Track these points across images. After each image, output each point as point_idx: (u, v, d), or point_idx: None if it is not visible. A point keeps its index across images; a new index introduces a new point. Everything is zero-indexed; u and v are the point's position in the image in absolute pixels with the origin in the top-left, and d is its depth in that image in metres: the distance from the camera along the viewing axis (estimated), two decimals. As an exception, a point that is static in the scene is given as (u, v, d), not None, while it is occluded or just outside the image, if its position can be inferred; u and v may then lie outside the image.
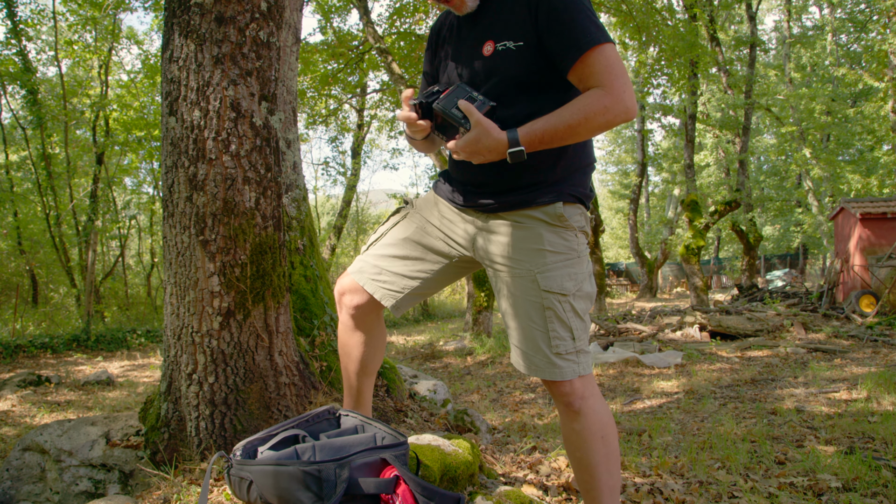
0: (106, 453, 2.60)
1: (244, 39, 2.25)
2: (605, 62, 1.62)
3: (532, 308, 1.80)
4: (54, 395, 6.97)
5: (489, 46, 1.77)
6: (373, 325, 2.11)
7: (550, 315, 1.78)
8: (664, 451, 3.72)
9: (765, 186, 32.04)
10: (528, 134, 1.63)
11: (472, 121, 1.63)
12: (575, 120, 1.61)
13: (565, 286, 1.78)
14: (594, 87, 1.63)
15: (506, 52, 1.73)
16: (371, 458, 1.68)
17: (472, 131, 1.63)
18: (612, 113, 1.61)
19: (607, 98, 1.60)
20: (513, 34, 1.71)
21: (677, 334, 10.62)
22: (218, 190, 2.23)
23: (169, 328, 2.40)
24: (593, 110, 1.60)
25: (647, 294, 24.46)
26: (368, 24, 12.97)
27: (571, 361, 1.79)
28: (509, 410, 5.83)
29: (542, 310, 1.78)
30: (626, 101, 1.61)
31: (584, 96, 1.63)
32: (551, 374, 1.79)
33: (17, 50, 14.62)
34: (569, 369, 1.78)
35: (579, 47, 1.62)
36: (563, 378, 1.78)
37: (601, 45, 1.62)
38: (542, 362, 1.79)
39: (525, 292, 1.81)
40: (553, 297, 1.77)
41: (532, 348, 1.81)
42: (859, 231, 13.49)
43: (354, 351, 2.11)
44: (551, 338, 1.78)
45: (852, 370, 6.72)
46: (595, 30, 1.63)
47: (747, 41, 18.74)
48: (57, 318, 15.17)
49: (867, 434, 3.90)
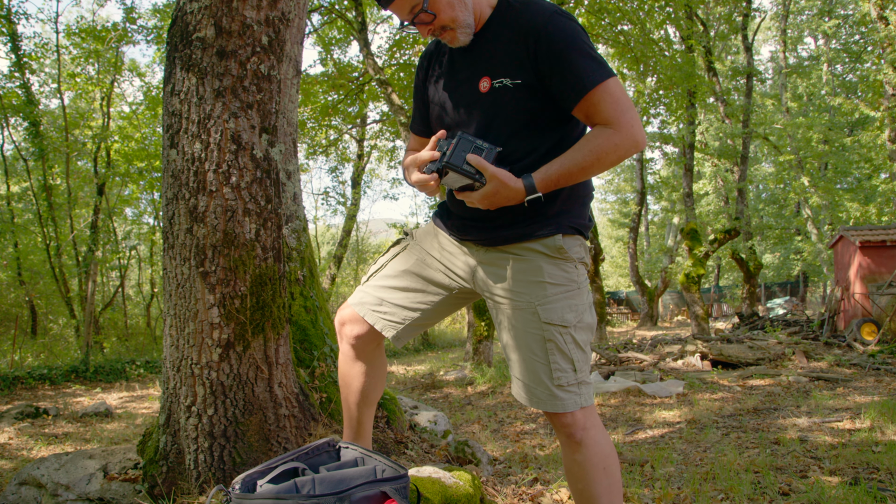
0: (103, 487, 2.57)
1: (245, 73, 2.28)
2: (610, 99, 1.63)
3: (533, 340, 1.80)
4: (52, 428, 6.91)
5: (485, 83, 1.77)
6: (373, 356, 2.11)
7: (552, 347, 1.78)
8: (667, 483, 3.68)
9: (764, 214, 32.12)
10: (544, 179, 1.66)
11: (487, 175, 1.66)
12: (588, 161, 1.65)
13: (566, 318, 1.78)
14: (602, 125, 1.65)
15: (503, 89, 1.74)
16: (371, 492, 1.67)
17: (489, 185, 1.66)
18: (624, 149, 1.64)
19: (617, 136, 1.63)
20: (510, 71, 1.72)
21: (678, 363, 10.56)
22: (218, 222, 2.24)
23: (168, 360, 2.39)
24: (605, 150, 1.63)
25: (648, 322, 24.38)
26: (368, 55, 13.13)
27: (573, 393, 1.79)
28: (510, 441, 5.78)
29: (544, 342, 1.78)
30: (635, 136, 1.64)
31: (594, 136, 1.65)
32: (553, 407, 1.79)
33: (20, 83, 14.78)
34: (570, 401, 1.78)
35: (583, 87, 1.63)
36: (564, 410, 1.78)
37: (604, 82, 1.63)
38: (544, 394, 1.80)
39: (526, 324, 1.81)
40: (554, 328, 1.78)
41: (533, 380, 1.81)
42: (859, 259, 13.49)
43: (355, 381, 2.10)
44: (553, 370, 1.78)
45: (855, 399, 6.68)
46: (597, 67, 1.64)
47: (744, 71, 18.94)
48: (56, 349, 15.11)
49: (871, 464, 3.86)
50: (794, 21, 30.18)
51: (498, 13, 1.77)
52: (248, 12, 2.28)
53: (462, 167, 1.66)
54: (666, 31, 15.64)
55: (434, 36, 1.79)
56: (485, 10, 1.78)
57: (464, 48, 1.82)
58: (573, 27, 1.67)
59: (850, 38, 27.34)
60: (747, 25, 18.78)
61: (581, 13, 13.69)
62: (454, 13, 1.70)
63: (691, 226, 16.98)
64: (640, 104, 17.51)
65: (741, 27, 18.61)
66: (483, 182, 1.66)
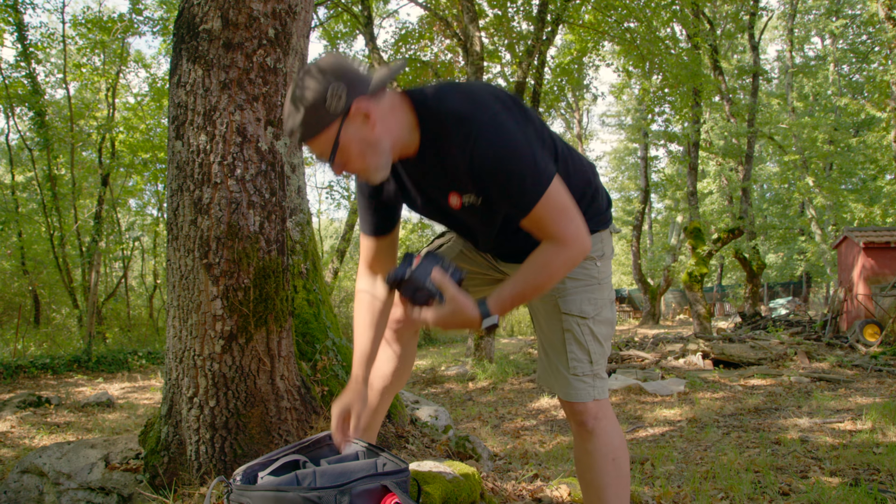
0: (105, 476, 2.58)
1: (251, 65, 2.28)
2: (552, 215, 1.60)
3: (554, 329, 1.90)
4: (54, 417, 6.93)
5: (455, 199, 1.71)
6: (409, 343, 2.13)
7: (569, 337, 1.87)
8: (667, 481, 3.68)
9: (768, 214, 32.03)
10: (499, 304, 1.65)
11: (447, 296, 1.62)
12: (540, 280, 1.65)
13: (584, 309, 1.86)
14: (548, 241, 1.64)
15: (472, 206, 1.72)
16: (372, 485, 1.67)
17: (447, 306, 1.63)
18: (574, 260, 1.64)
19: (566, 251, 1.62)
20: (470, 190, 1.67)
21: (680, 362, 10.56)
22: (223, 214, 2.24)
23: (171, 351, 2.39)
24: (555, 266, 1.63)
25: (650, 321, 24.36)
26: (374, 50, 13.12)
27: (587, 384, 1.87)
28: (511, 437, 5.78)
29: (562, 332, 1.88)
30: (583, 245, 1.63)
31: (542, 254, 1.64)
32: (566, 395, 1.88)
33: (26, 73, 14.80)
34: (584, 391, 1.86)
35: (522, 209, 1.59)
36: (577, 399, 1.86)
37: (543, 198, 1.57)
38: (560, 381, 1.89)
39: (548, 314, 1.91)
40: (572, 319, 1.86)
41: (551, 366, 1.92)
42: (863, 260, 13.46)
43: (387, 365, 2.10)
44: (569, 359, 1.87)
45: (857, 400, 6.67)
46: (532, 182, 1.56)
47: (750, 70, 18.86)
48: (58, 338, 15.14)
49: (872, 465, 3.86)
50: (802, 20, 30.04)
51: (426, 133, 1.63)
52: (254, 4, 2.27)
53: (425, 282, 1.63)
54: (672, 29, 15.61)
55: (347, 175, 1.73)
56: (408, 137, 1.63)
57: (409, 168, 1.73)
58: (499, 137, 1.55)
59: (858, 38, 27.22)
60: (754, 24, 18.67)
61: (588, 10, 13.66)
62: (365, 162, 1.58)
63: (695, 224, 16.94)
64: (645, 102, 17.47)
65: (748, 26, 18.51)
66: (442, 301, 1.63)
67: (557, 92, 17.37)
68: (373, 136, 1.55)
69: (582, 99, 28.15)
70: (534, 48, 12.32)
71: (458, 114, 1.57)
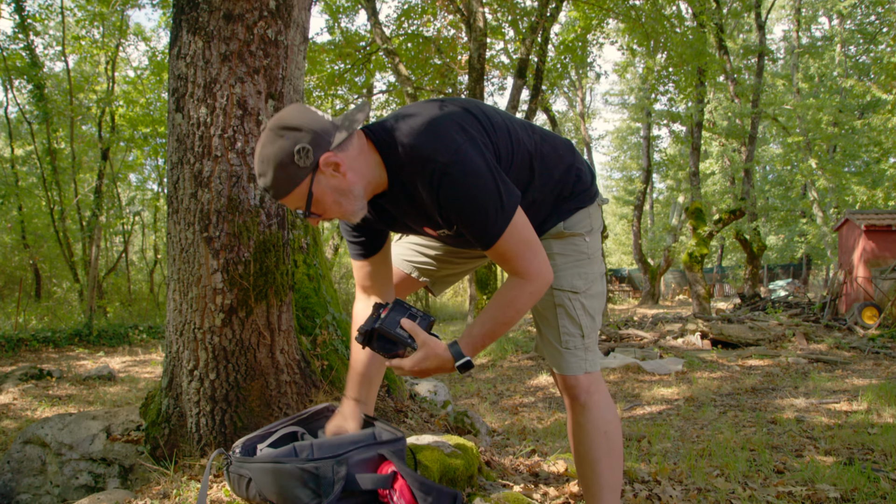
0: (106, 447, 2.61)
1: (252, 37, 2.26)
2: (513, 248, 1.61)
3: (545, 304, 1.90)
4: (55, 390, 6.98)
5: (430, 230, 1.76)
6: None
7: (561, 312, 1.89)
8: (663, 458, 3.71)
9: (770, 196, 31.96)
10: (470, 345, 1.66)
11: (419, 341, 1.64)
12: (508, 316, 1.67)
13: (575, 284, 1.88)
14: (513, 275, 1.65)
15: (447, 236, 1.76)
16: (368, 455, 1.69)
17: (420, 351, 1.64)
18: (538, 293, 1.66)
19: (530, 285, 1.64)
20: (441, 224, 1.68)
21: (678, 341, 10.60)
22: (223, 187, 2.24)
23: (171, 324, 2.40)
24: (521, 302, 1.65)
25: (650, 301, 24.41)
26: (376, 24, 13.00)
27: (579, 358, 1.89)
28: (509, 413, 5.83)
29: (554, 307, 1.89)
30: (544, 278, 1.66)
31: (508, 290, 1.66)
32: (558, 367, 1.91)
33: (24, 45, 14.66)
34: (576, 364, 1.89)
35: (486, 242, 1.61)
36: (569, 372, 1.89)
37: (504, 233, 1.59)
38: (553, 354, 1.92)
39: None
40: (564, 294, 1.88)
41: (545, 340, 1.95)
42: (863, 243, 13.45)
43: None
44: (561, 333, 1.89)
45: (853, 382, 6.70)
46: (494, 220, 1.57)
47: (755, 50, 18.70)
48: (59, 312, 15.20)
49: (867, 445, 3.89)
50: (809, 0, 29.73)
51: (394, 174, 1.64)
52: (255, -25, 2.25)
53: (394, 331, 1.64)
54: (678, 7, 15.41)
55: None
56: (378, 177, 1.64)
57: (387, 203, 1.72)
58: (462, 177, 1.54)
59: (866, 18, 26.90)
60: (761, 3, 18.47)
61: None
62: (341, 210, 1.59)
63: (696, 205, 16.91)
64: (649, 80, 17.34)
65: (754, 5, 18.31)
66: (414, 347, 1.64)
67: (561, 70, 17.23)
68: (345, 185, 1.57)
69: (585, 77, 27.94)
70: (537, 24, 12.21)
71: (420, 154, 1.56)
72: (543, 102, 17.40)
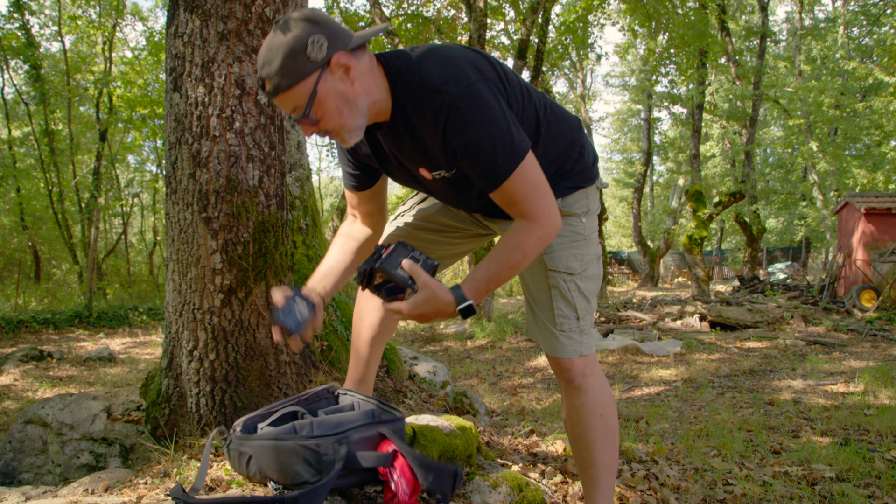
0: (107, 427, 2.62)
1: (250, 16, 2.24)
2: (522, 189, 1.55)
3: (539, 286, 1.87)
4: (56, 371, 7.01)
5: (424, 172, 1.68)
6: None
7: (556, 293, 1.85)
8: (661, 438, 3.74)
9: (770, 179, 31.87)
10: (473, 288, 1.58)
11: (420, 283, 1.55)
12: (514, 260, 1.58)
13: (571, 265, 1.84)
14: (520, 218, 1.59)
15: (443, 179, 1.68)
16: (368, 433, 1.70)
17: (420, 293, 1.56)
18: (546, 238, 1.59)
19: (538, 228, 1.57)
20: (441, 164, 1.62)
21: (677, 323, 10.63)
22: (221, 167, 2.23)
23: (171, 304, 2.40)
24: (529, 245, 1.58)
25: (649, 283, 24.45)
26: (376, 4, 12.89)
27: (574, 340, 1.86)
28: (508, 394, 5.86)
29: (548, 288, 1.85)
30: (553, 221, 1.59)
31: (515, 233, 1.59)
32: (552, 350, 1.87)
33: (20, 24, 14.54)
34: (571, 347, 1.85)
35: (493, 182, 1.55)
36: (564, 355, 1.86)
37: (514, 173, 1.53)
38: (548, 337, 1.88)
39: (533, 271, 1.88)
40: (559, 276, 1.84)
41: (539, 323, 1.90)
42: (863, 226, 13.44)
43: (372, 315, 2.10)
44: (556, 315, 1.85)
45: (850, 364, 6.74)
46: (504, 157, 1.52)
47: (758, 32, 18.56)
48: (59, 294, 15.22)
49: (863, 426, 3.91)
50: (812, -20, 29.48)
51: (399, 102, 1.57)
52: (253, -47, 2.22)
53: (395, 272, 1.57)
54: (680, -12, 15.27)
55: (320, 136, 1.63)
56: (383, 102, 1.57)
57: (383, 135, 1.67)
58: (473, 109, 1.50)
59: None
60: (763, -16, 18.33)
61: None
62: (341, 120, 1.51)
63: (696, 188, 16.88)
64: (650, 62, 17.24)
65: (757, -15, 18.18)
66: (415, 289, 1.56)
67: (561, 51, 17.11)
68: (352, 92, 1.49)
69: (586, 58, 27.71)
70: (538, 5, 12.11)
71: (431, 83, 1.50)
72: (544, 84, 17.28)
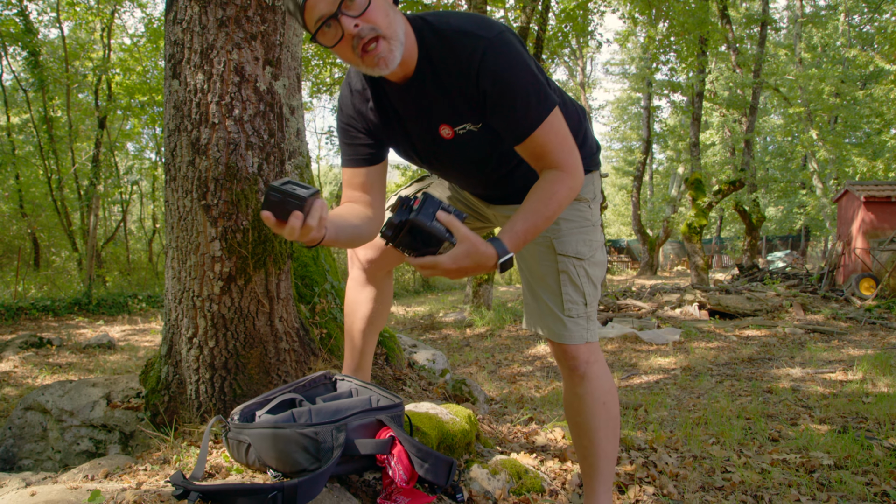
0: (107, 414, 2.63)
1: (249, 2, 2.22)
2: (551, 139, 1.56)
3: (548, 272, 1.86)
4: (55, 358, 7.02)
5: (446, 130, 1.65)
6: (383, 283, 2.13)
7: (565, 279, 1.84)
8: (660, 426, 3.75)
9: (770, 167, 31.82)
10: (512, 240, 1.56)
11: (459, 236, 1.48)
12: (551, 210, 1.58)
13: (580, 250, 1.84)
14: (549, 169, 1.59)
15: (468, 134, 1.65)
16: (367, 420, 1.70)
17: (460, 247, 1.48)
18: (575, 189, 1.61)
19: (569, 179, 1.59)
20: (469, 117, 1.61)
21: (676, 312, 10.65)
22: (221, 154, 2.22)
23: (170, 292, 2.40)
24: (563, 195, 1.59)
25: (648, 271, 24.47)
26: (375, -8, 12.80)
27: (581, 327, 1.85)
28: (507, 382, 5.87)
29: (557, 273, 1.84)
30: (580, 174, 1.62)
31: (547, 183, 1.58)
32: (560, 337, 1.85)
33: (18, 10, 14.46)
34: (577, 333, 1.84)
35: (525, 130, 1.55)
36: (571, 342, 1.84)
37: (545, 121, 1.54)
38: (554, 324, 1.86)
39: (541, 257, 1.86)
40: (568, 260, 1.83)
41: (545, 310, 1.88)
42: (862, 214, 13.44)
43: (363, 307, 2.12)
44: (564, 301, 1.84)
45: (849, 352, 6.75)
46: (536, 104, 1.53)
47: (758, 19, 18.48)
48: (58, 281, 15.22)
49: (861, 414, 3.93)
50: (814, -33, 29.31)
51: (425, 52, 1.56)
52: (251, -62, 2.20)
53: (431, 224, 1.45)
54: (681, -26, 15.18)
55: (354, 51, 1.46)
56: (410, 52, 1.55)
57: (400, 95, 1.63)
58: (507, 54, 1.50)
59: (871, -14, 26.56)
60: (765, -29, 18.22)
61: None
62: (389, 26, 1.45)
63: (696, 176, 16.86)
64: (650, 50, 17.16)
65: (758, -28, 18.07)
66: (453, 242, 1.48)
67: (561, 38, 17.02)
68: (395, 16, 1.48)
69: (586, 46, 27.58)
70: (538, -8, 12.04)
71: (463, 30, 1.52)
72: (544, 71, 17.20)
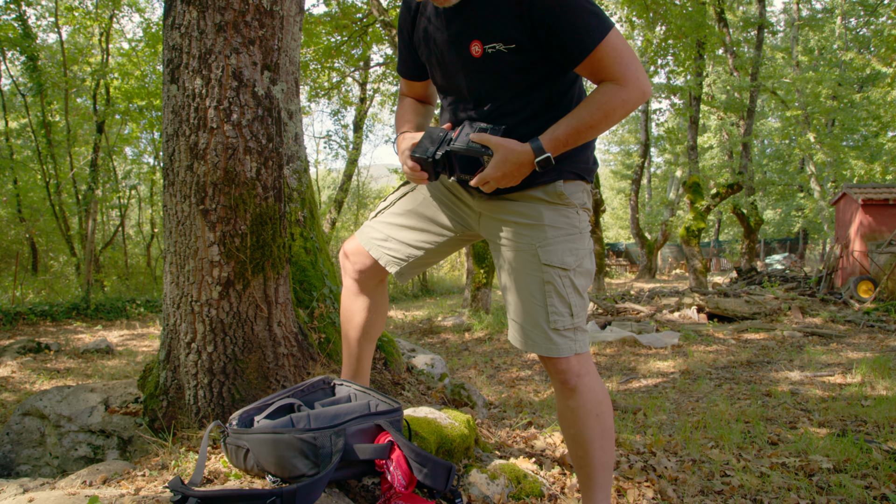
0: (105, 419, 2.62)
1: (247, 7, 2.23)
2: (613, 54, 1.58)
3: (532, 282, 1.79)
4: (53, 363, 7.00)
5: (477, 47, 1.68)
6: (376, 291, 2.12)
7: (550, 290, 1.77)
8: (659, 430, 3.75)
9: (767, 170, 31.90)
10: (552, 140, 1.62)
11: (492, 145, 1.64)
12: (596, 119, 1.61)
13: (566, 260, 1.77)
14: (607, 81, 1.60)
15: (497, 54, 1.66)
16: (366, 425, 1.70)
17: (497, 154, 1.64)
18: (632, 103, 1.61)
19: (624, 91, 1.59)
20: (503, 36, 1.63)
21: (675, 315, 10.65)
22: (219, 159, 2.22)
23: (168, 297, 2.40)
24: (612, 106, 1.60)
25: (646, 275, 24.48)
26: (373, -5, 12.81)
27: (569, 339, 1.78)
28: (506, 386, 5.87)
29: (542, 284, 1.77)
30: (642, 87, 1.61)
31: (599, 93, 1.61)
32: (548, 351, 1.78)
33: (16, 15, 14.44)
34: (565, 346, 1.77)
35: (584, 47, 1.57)
36: (559, 355, 1.77)
37: (606, 38, 1.56)
38: (540, 338, 1.78)
39: (526, 266, 1.80)
40: (553, 271, 1.77)
41: (530, 323, 1.80)
42: (860, 217, 13.46)
43: (357, 316, 2.12)
44: (549, 313, 1.77)
45: (848, 355, 6.75)
46: (596, 22, 1.56)
47: (755, 22, 18.52)
48: (57, 286, 15.19)
49: (860, 417, 3.93)
50: (810, -29, 29.40)
51: None
52: (249, -57, 2.21)
53: (468, 147, 1.66)
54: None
55: None
56: None
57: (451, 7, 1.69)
58: None
59: (868, -10, 26.64)
60: (761, -25, 18.27)
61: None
62: None
63: (694, 179, 16.88)
64: (647, 53, 17.19)
65: (755, -24, 18.11)
66: (490, 154, 1.64)
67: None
68: None
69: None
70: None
71: None
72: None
